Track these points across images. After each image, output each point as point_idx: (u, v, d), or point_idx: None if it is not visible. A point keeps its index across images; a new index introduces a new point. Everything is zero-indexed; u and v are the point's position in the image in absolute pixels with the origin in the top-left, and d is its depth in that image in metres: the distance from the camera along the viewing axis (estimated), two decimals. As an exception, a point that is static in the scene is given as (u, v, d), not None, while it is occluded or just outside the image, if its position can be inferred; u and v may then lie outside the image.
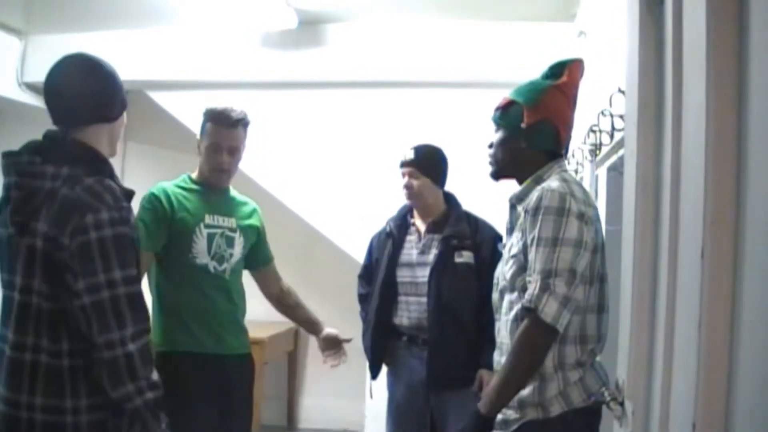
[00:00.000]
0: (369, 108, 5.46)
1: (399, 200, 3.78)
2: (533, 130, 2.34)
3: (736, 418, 1.08)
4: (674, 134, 1.34)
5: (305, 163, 5.53)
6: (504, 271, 2.30)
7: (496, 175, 2.48)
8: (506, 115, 2.40)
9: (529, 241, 2.16)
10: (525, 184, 2.33)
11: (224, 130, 3.15)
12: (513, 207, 2.39)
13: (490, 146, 2.45)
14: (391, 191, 4.04)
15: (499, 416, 2.26)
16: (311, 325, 3.55)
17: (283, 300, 3.52)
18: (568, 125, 2.44)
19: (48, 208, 1.92)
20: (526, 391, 2.18)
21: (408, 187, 3.58)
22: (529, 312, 2.07)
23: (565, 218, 2.11)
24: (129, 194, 2.07)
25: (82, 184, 1.94)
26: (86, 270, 1.88)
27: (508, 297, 2.29)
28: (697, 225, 1.15)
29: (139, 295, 1.98)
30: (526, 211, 2.20)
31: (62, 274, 1.91)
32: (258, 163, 5.12)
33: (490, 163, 2.47)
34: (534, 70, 2.50)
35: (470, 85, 5.12)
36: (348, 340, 3.53)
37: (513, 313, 2.25)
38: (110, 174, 2.05)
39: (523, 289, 2.20)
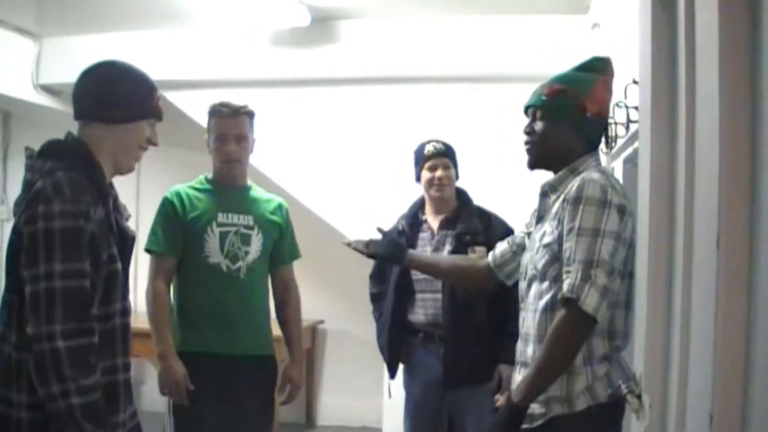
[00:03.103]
0: (381, 104, 5.46)
1: (411, 196, 3.78)
2: (591, 122, 2.33)
3: (753, 409, 1.07)
4: (688, 124, 1.33)
5: (318, 160, 5.54)
6: (535, 260, 2.27)
7: (537, 165, 2.40)
8: (557, 102, 2.33)
9: (566, 231, 2.14)
10: (561, 172, 2.31)
11: (228, 120, 3.18)
12: (544, 195, 2.36)
13: (530, 133, 2.37)
14: (403, 187, 4.03)
15: None
16: (288, 350, 3.42)
17: (280, 309, 3.43)
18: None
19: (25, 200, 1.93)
20: (553, 386, 2.17)
21: (444, 178, 3.57)
22: (568, 302, 2.05)
23: (607, 210, 2.10)
24: (102, 192, 2.02)
25: (51, 176, 1.92)
26: (30, 260, 1.85)
27: (537, 287, 2.27)
28: (712, 214, 1.14)
29: (80, 292, 1.88)
30: (564, 201, 2.18)
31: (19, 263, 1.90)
32: (271, 160, 5.14)
33: (530, 150, 2.38)
34: (548, 64, 2.49)
35: (483, 79, 5.10)
36: (285, 402, 3.39)
37: (543, 302, 2.23)
38: (88, 170, 2.02)
39: (555, 279, 2.19)
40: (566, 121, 2.32)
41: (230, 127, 3.17)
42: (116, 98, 2.10)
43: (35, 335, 1.82)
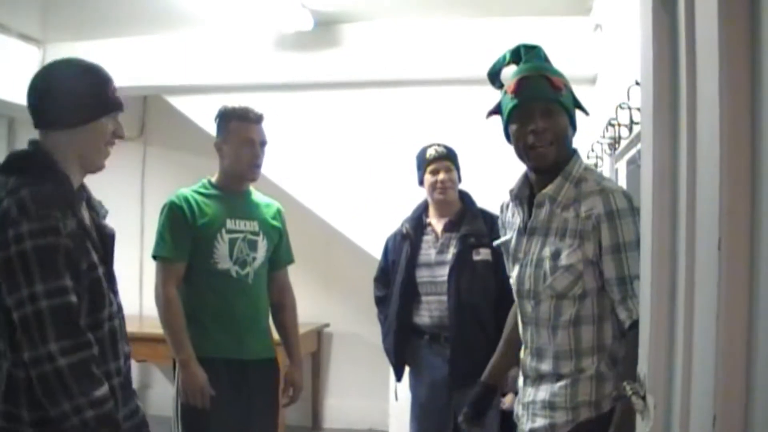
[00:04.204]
0: (385, 107, 5.47)
1: (416, 199, 3.79)
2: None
3: (756, 410, 1.07)
4: (689, 126, 1.34)
5: (323, 164, 5.56)
6: (551, 282, 2.18)
7: (550, 167, 2.22)
8: (570, 97, 2.25)
9: (608, 249, 2.09)
10: (557, 180, 2.21)
11: (253, 125, 3.21)
12: (539, 206, 2.24)
13: (543, 131, 2.19)
14: (408, 190, 4.04)
15: (544, 421, 2.21)
16: (288, 353, 3.44)
17: (277, 312, 3.44)
18: None
19: None
20: (583, 391, 2.15)
21: (447, 181, 3.58)
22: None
23: (637, 217, 2.04)
24: (72, 202, 1.97)
25: (16, 195, 1.87)
26: (11, 285, 1.83)
27: (551, 302, 2.20)
28: (714, 216, 1.14)
29: (67, 308, 1.86)
30: (588, 218, 2.12)
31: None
32: (276, 164, 5.14)
33: (549, 152, 2.19)
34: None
35: (486, 82, 5.09)
36: (288, 404, 3.41)
37: (564, 318, 2.18)
38: (54, 181, 1.95)
39: (581, 297, 2.15)
40: (570, 118, 2.25)
41: (258, 132, 3.22)
42: (73, 100, 2.04)
43: (34, 359, 1.81)
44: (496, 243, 2.54)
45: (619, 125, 3.03)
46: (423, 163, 3.66)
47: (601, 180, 2.24)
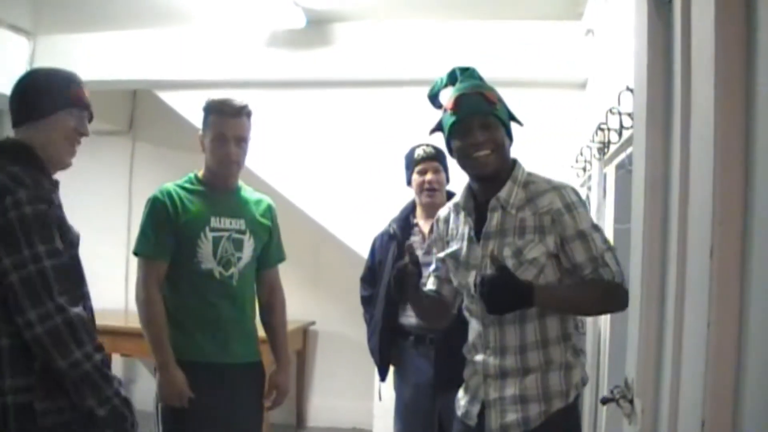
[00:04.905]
0: (375, 107, 5.47)
1: (404, 199, 3.79)
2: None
3: (744, 415, 1.08)
4: (683, 133, 1.35)
5: (314, 162, 5.54)
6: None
7: (493, 175, 2.33)
8: (504, 110, 2.38)
9: (571, 237, 2.23)
10: (507, 185, 2.33)
11: (229, 120, 3.04)
12: (493, 210, 2.33)
13: (486, 142, 2.29)
14: (396, 190, 4.04)
15: (515, 415, 2.26)
16: (274, 355, 3.34)
17: (265, 313, 3.34)
18: None
19: None
20: (553, 382, 2.26)
21: (435, 182, 3.58)
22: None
23: (586, 207, 2.29)
24: (54, 183, 2.15)
25: (5, 171, 2.02)
26: (10, 248, 1.94)
27: None
28: (706, 224, 1.15)
29: (64, 267, 2.01)
30: (547, 213, 2.25)
31: None
32: (266, 162, 5.14)
33: (491, 160, 2.30)
34: (542, 69, 2.49)
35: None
36: (272, 408, 3.34)
37: (531, 312, 2.26)
38: (37, 165, 2.12)
39: None
40: (506, 129, 2.37)
41: (231, 127, 3.02)
42: (33, 95, 2.22)
43: (44, 314, 1.93)
44: (441, 255, 2.55)
45: (609, 130, 3.04)
46: (411, 163, 3.66)
47: (549, 180, 2.37)
